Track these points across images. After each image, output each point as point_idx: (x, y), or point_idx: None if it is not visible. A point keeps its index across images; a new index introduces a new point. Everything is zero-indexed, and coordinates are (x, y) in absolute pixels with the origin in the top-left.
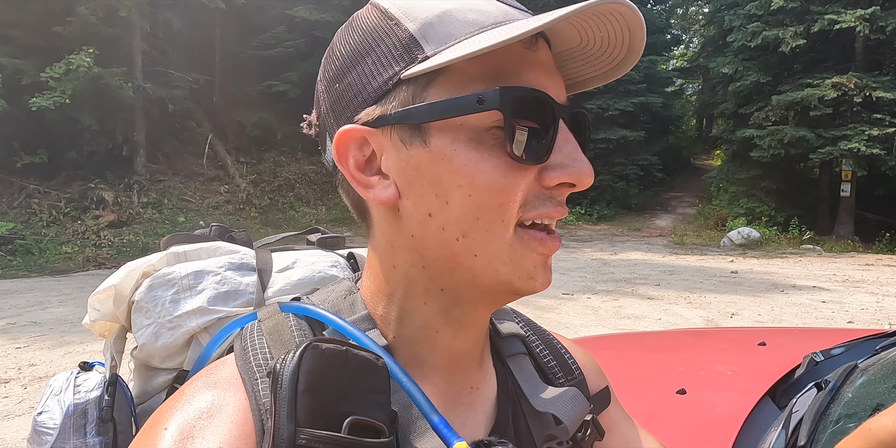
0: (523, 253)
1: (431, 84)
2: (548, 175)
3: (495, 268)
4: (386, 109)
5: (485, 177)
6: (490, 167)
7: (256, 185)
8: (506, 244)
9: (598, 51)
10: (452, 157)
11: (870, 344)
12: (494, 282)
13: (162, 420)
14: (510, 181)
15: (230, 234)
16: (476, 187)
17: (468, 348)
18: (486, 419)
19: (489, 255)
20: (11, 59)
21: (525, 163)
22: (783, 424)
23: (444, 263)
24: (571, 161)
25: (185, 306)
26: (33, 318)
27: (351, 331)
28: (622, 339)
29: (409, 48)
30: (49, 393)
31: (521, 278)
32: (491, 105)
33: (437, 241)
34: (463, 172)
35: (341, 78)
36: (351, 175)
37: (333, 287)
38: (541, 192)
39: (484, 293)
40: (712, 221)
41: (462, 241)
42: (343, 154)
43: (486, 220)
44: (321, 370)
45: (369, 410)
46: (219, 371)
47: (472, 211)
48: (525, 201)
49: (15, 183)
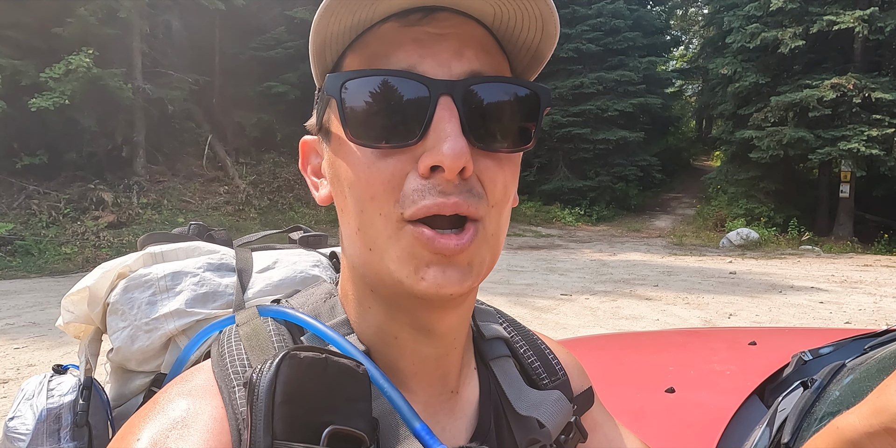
0: (410, 251)
1: None
2: (420, 161)
3: (387, 264)
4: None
5: (354, 168)
6: (356, 158)
7: (256, 186)
8: (391, 239)
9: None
10: (338, 152)
11: (858, 343)
12: (391, 280)
13: (134, 430)
14: (373, 172)
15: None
16: (351, 179)
17: (440, 354)
18: (467, 424)
19: (379, 249)
20: (11, 59)
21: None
22: (768, 422)
23: (357, 260)
24: (438, 141)
25: (162, 308)
26: (32, 318)
27: (331, 336)
28: (614, 339)
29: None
30: (21, 397)
31: (410, 277)
32: (329, 94)
33: (348, 237)
34: (343, 165)
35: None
36: (307, 177)
37: (313, 290)
38: (419, 183)
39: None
40: (711, 222)
41: (358, 234)
42: (304, 160)
43: (368, 212)
44: (299, 380)
45: (349, 419)
46: (194, 378)
47: (356, 204)
48: (403, 194)
49: (14, 184)
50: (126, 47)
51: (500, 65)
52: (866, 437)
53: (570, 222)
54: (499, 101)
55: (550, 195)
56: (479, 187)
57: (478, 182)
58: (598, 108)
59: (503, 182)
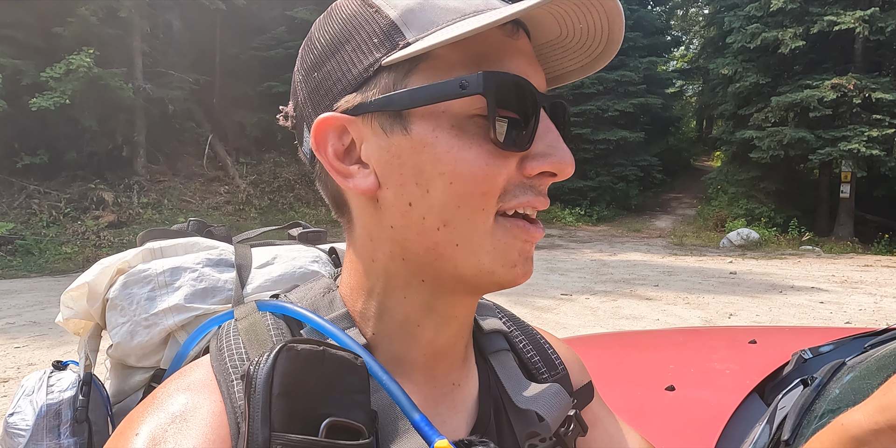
0: (505, 241)
1: (413, 71)
2: (529, 164)
3: (478, 257)
4: (366, 97)
5: (467, 165)
6: (472, 155)
7: (256, 186)
8: (487, 233)
9: (576, 43)
10: (434, 145)
11: (859, 342)
12: (476, 271)
13: (133, 425)
14: (492, 170)
15: (209, 229)
16: (458, 175)
17: (451, 344)
18: (467, 417)
19: (471, 244)
20: (12, 59)
21: (508, 150)
22: (768, 420)
23: (426, 254)
24: (553, 150)
25: (161, 304)
26: (32, 317)
27: (329, 329)
28: (615, 338)
29: (390, 35)
30: (21, 393)
31: (504, 267)
32: (474, 90)
33: (418, 232)
34: (445, 160)
35: (320, 66)
36: (329, 164)
37: (312, 284)
38: (522, 181)
39: (466, 284)
40: (712, 222)
41: (443, 230)
42: (322, 143)
43: (467, 208)
44: (297, 372)
45: (348, 411)
46: (193, 373)
47: (454, 199)
48: (505, 190)
49: (15, 183)
50: (127, 47)
51: None
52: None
53: (571, 222)
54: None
55: (551, 195)
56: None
57: None
58: (599, 108)
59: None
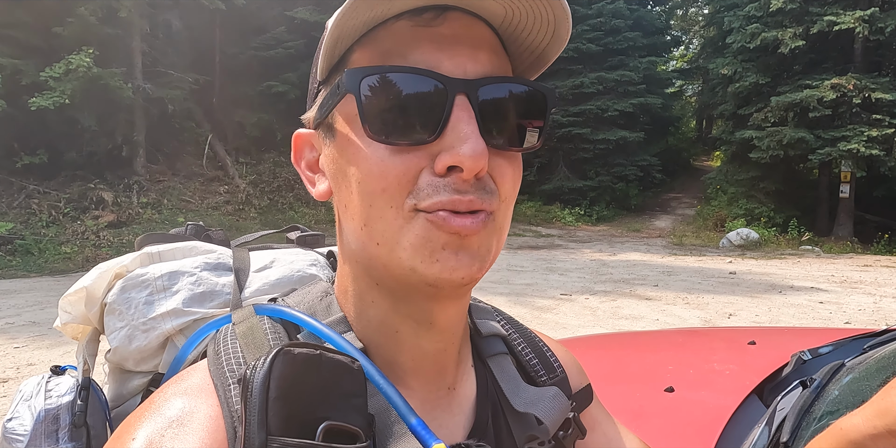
0: (424, 234)
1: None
2: (437, 160)
3: (397, 254)
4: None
5: (365, 163)
6: (370, 152)
7: (256, 186)
8: (402, 229)
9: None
10: (347, 147)
11: (858, 343)
12: (401, 270)
13: (130, 429)
14: (387, 165)
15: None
16: (362, 174)
17: (439, 349)
18: (464, 421)
19: (389, 242)
20: (11, 59)
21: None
22: (767, 421)
23: (362, 254)
24: (457, 142)
25: (159, 308)
26: (32, 317)
27: (326, 333)
28: (614, 339)
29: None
30: (19, 398)
31: (424, 262)
32: (344, 90)
33: (353, 232)
34: (353, 160)
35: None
36: (302, 174)
37: (309, 288)
38: (433, 180)
39: (406, 286)
40: (711, 222)
41: (364, 229)
42: (298, 156)
43: (377, 206)
44: (294, 376)
45: (345, 415)
46: (190, 377)
47: (365, 198)
48: (417, 188)
49: (14, 183)
50: (126, 47)
51: (506, 66)
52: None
53: (570, 222)
54: (511, 101)
55: (550, 195)
56: (492, 184)
57: (490, 179)
58: (599, 108)
59: (512, 179)
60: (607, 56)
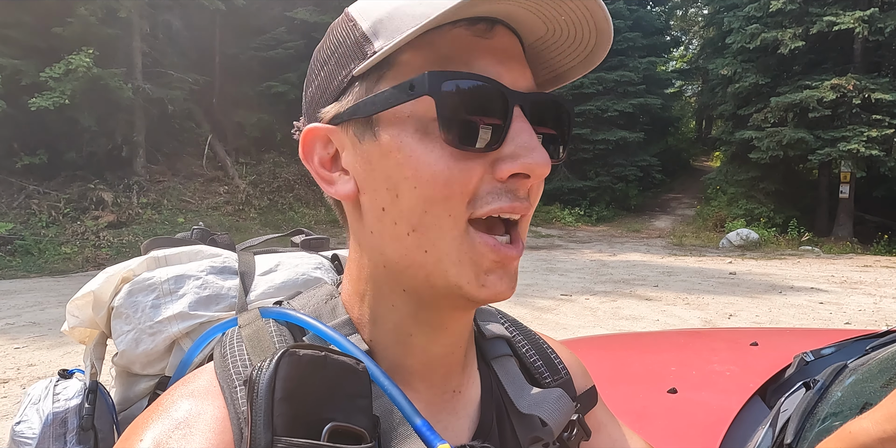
0: (472, 256)
1: (382, 79)
2: (500, 166)
3: (445, 268)
4: (342, 106)
5: (428, 168)
6: (434, 158)
7: (256, 186)
8: (455, 242)
9: (567, 38)
10: (399, 149)
11: (860, 344)
12: (445, 283)
13: (138, 431)
14: (454, 173)
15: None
16: (420, 179)
17: (447, 352)
18: (469, 423)
19: (438, 251)
20: (11, 59)
21: (466, 151)
22: (770, 423)
23: (400, 260)
24: (524, 150)
25: (165, 311)
26: (32, 318)
27: (332, 335)
28: (616, 340)
29: (361, 45)
30: (28, 402)
31: (471, 283)
32: (420, 91)
33: (392, 237)
34: (408, 164)
35: (312, 81)
36: (315, 172)
37: (315, 291)
38: (495, 186)
39: (440, 296)
40: (711, 223)
41: (412, 235)
42: (308, 152)
43: (433, 213)
44: (299, 377)
45: (350, 416)
46: (197, 380)
47: (420, 204)
48: (476, 195)
49: (14, 183)
50: (126, 47)
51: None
52: (879, 442)
53: (570, 223)
54: (549, 116)
55: (550, 195)
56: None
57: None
58: (598, 108)
59: (539, 189)
60: (607, 56)
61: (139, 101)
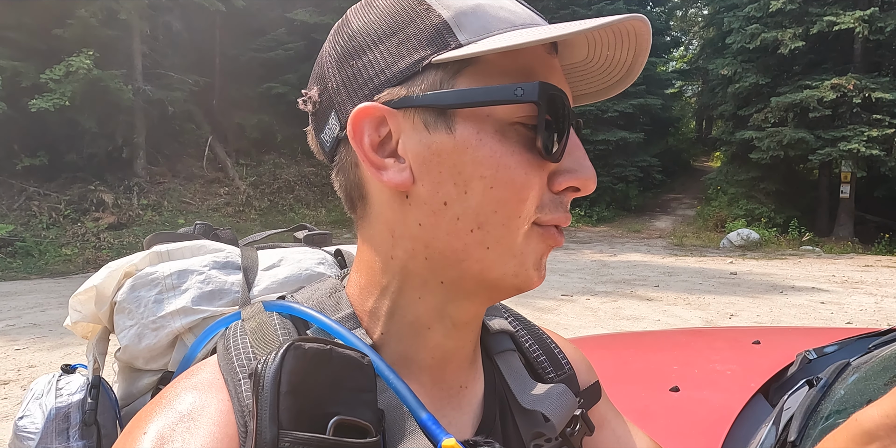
0: (536, 247)
1: (461, 72)
2: (557, 179)
3: (505, 261)
4: (412, 91)
5: (508, 171)
6: (514, 162)
7: (256, 187)
8: (519, 238)
9: (598, 68)
10: (478, 148)
11: (863, 342)
12: (501, 274)
13: (141, 424)
14: (530, 179)
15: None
16: (498, 180)
17: (459, 347)
18: (472, 418)
19: (501, 248)
20: (11, 61)
21: (547, 161)
22: (773, 421)
23: (453, 254)
24: (580, 166)
25: (168, 306)
26: (33, 319)
27: (336, 329)
28: (618, 339)
29: (441, 34)
30: (30, 397)
31: (528, 271)
32: (528, 97)
33: (449, 231)
34: (487, 164)
35: (360, 55)
36: (364, 154)
37: (318, 285)
38: (553, 196)
39: (486, 287)
40: (712, 223)
41: (476, 233)
42: (358, 132)
43: (503, 214)
44: (305, 370)
45: (355, 410)
46: (200, 373)
47: (492, 204)
48: (542, 203)
49: (15, 185)
50: (126, 48)
51: None
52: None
53: (571, 223)
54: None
55: None
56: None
57: None
58: (598, 108)
59: None
60: None
61: (139, 102)
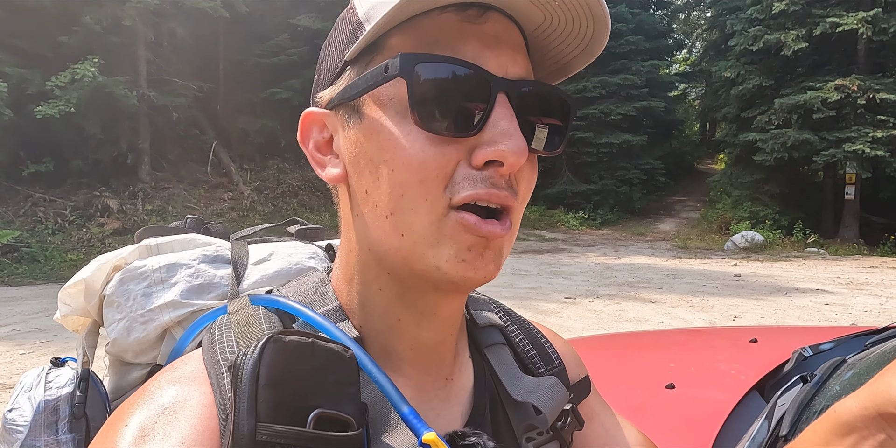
0: (453, 235)
1: (371, 63)
2: (475, 153)
3: (422, 251)
4: (334, 91)
5: (404, 151)
6: (409, 141)
7: (260, 192)
8: (432, 225)
9: (566, 28)
10: (379, 132)
11: (860, 340)
12: (423, 266)
13: (123, 417)
14: (428, 156)
15: (206, 226)
16: (397, 162)
17: (438, 339)
18: (461, 410)
19: (415, 235)
20: (17, 68)
21: (440, 135)
22: (766, 416)
23: (381, 243)
24: (500, 137)
25: (157, 300)
26: (38, 324)
27: (321, 322)
28: (617, 339)
29: (356, 31)
30: (20, 390)
31: (450, 262)
32: (393, 72)
33: (373, 220)
34: (387, 147)
35: (317, 68)
36: (309, 155)
37: (305, 279)
38: (470, 172)
39: (421, 279)
40: (716, 225)
41: (390, 218)
42: (305, 136)
43: (410, 197)
44: (285, 363)
45: (337, 403)
46: (184, 366)
47: (397, 187)
48: (453, 181)
49: (21, 191)
50: (131, 55)
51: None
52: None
53: (574, 226)
54: (541, 106)
55: (554, 199)
56: (515, 184)
57: (513, 178)
58: (602, 111)
59: (529, 181)
60: (610, 60)
61: (144, 108)
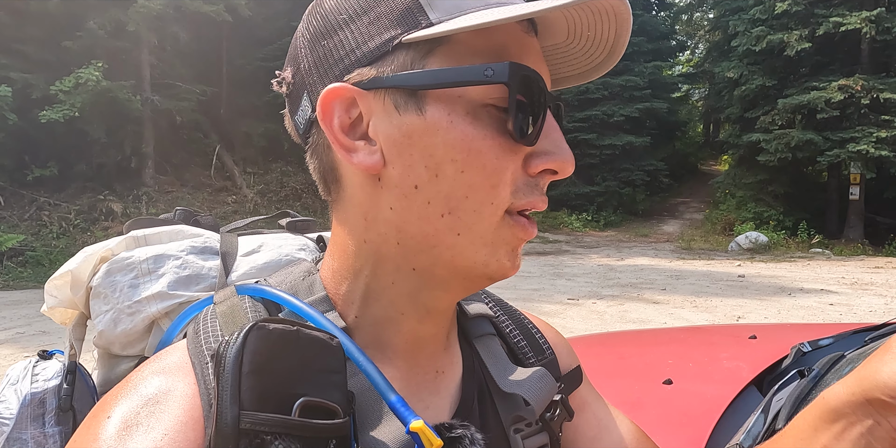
0: (507, 237)
1: (432, 52)
2: (533, 162)
3: (476, 248)
4: (382, 72)
5: (479, 155)
6: (486, 145)
7: (263, 196)
8: (492, 226)
9: (580, 49)
10: (449, 130)
11: (859, 336)
12: (472, 263)
13: (106, 408)
14: (502, 163)
15: (195, 217)
16: (470, 164)
17: (433, 333)
18: (450, 402)
19: (472, 235)
20: (21, 73)
21: (520, 144)
22: (763, 409)
23: (423, 240)
24: (557, 148)
25: (144, 291)
26: (42, 327)
27: (307, 311)
28: (617, 337)
29: (412, 13)
30: (6, 382)
31: (499, 260)
32: (498, 78)
33: (420, 216)
34: (459, 147)
35: (331, 34)
36: (334, 137)
37: (292, 268)
38: (527, 179)
39: (458, 275)
40: (720, 226)
41: (447, 217)
42: (328, 114)
43: (475, 199)
44: (269, 351)
45: (323, 391)
46: (168, 356)
47: (463, 188)
48: (516, 187)
49: (25, 195)
50: (135, 59)
51: None
52: (848, 405)
53: (578, 228)
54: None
55: (557, 201)
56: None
57: None
58: (604, 113)
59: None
60: None
61: (148, 112)
